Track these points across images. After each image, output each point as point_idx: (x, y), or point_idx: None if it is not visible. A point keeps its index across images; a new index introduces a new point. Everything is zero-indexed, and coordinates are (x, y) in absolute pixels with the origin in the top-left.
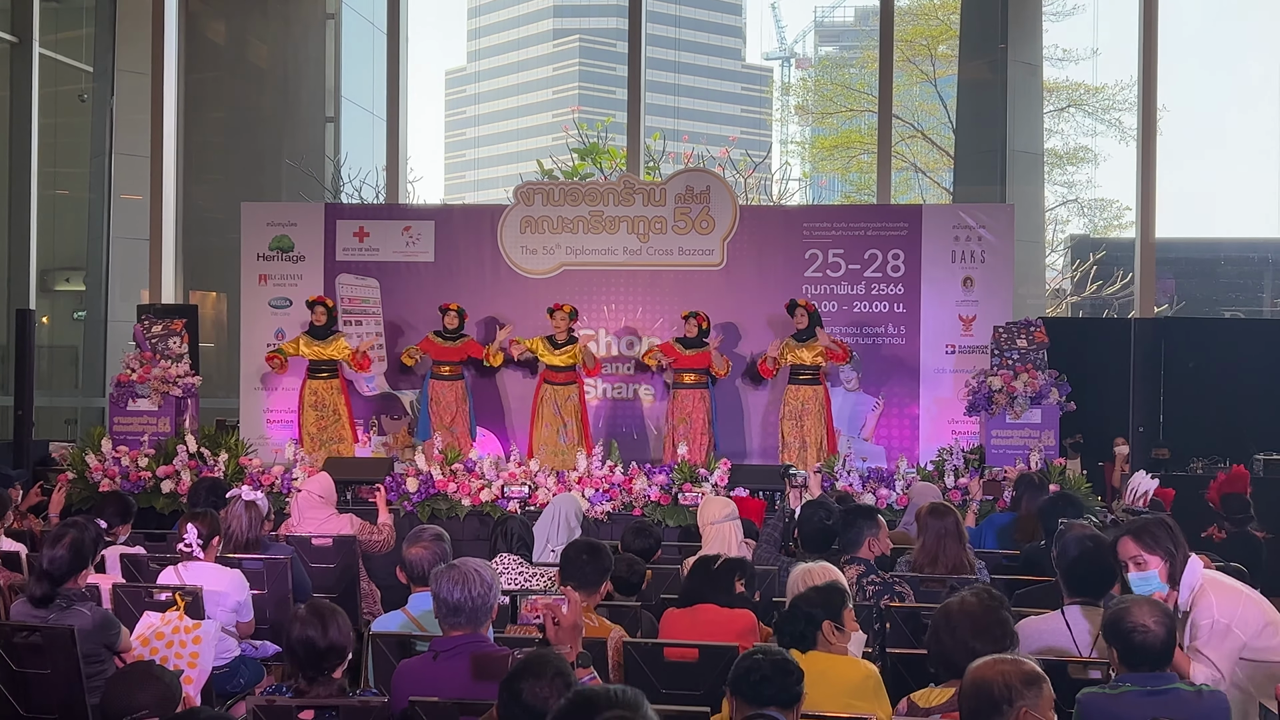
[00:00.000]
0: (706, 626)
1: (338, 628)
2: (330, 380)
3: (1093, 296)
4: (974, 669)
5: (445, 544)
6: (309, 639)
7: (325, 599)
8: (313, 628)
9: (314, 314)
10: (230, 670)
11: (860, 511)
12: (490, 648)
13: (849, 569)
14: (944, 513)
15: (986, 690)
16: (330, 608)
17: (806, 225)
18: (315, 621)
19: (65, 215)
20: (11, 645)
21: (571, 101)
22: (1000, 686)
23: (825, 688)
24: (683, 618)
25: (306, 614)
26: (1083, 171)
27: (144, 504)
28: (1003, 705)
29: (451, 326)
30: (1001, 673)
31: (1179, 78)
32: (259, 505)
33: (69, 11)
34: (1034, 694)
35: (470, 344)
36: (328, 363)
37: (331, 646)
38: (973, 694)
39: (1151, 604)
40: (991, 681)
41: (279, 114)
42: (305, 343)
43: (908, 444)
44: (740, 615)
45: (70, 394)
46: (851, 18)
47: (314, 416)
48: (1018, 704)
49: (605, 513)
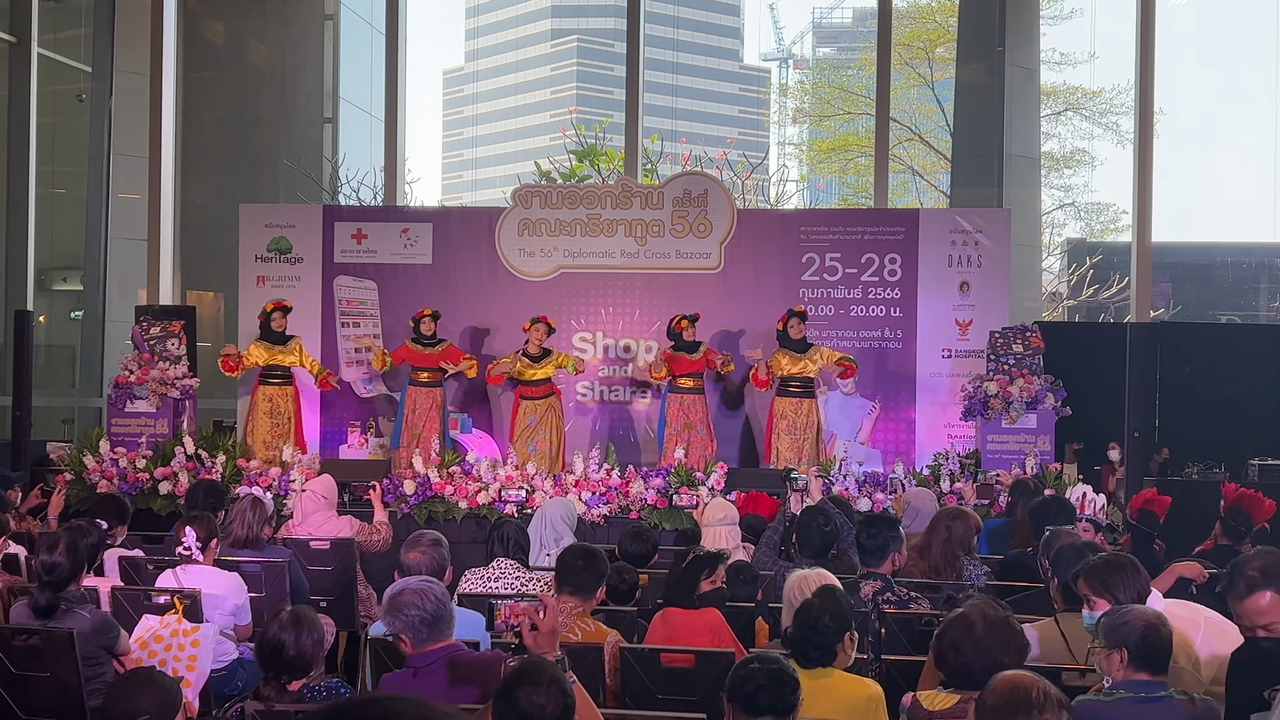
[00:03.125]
0: (676, 630)
1: (312, 639)
2: (284, 387)
3: (1089, 300)
4: (1009, 674)
5: (443, 549)
6: (279, 642)
7: (323, 602)
8: (287, 632)
9: (274, 320)
10: (228, 673)
11: (885, 522)
12: (466, 654)
13: (865, 584)
14: (967, 520)
15: (1024, 692)
16: (312, 619)
17: (804, 229)
18: (291, 628)
19: (63, 215)
20: (10, 648)
21: (570, 102)
22: (1039, 692)
23: (828, 703)
24: (658, 622)
25: (287, 618)
26: (1080, 175)
27: (141, 505)
28: (1033, 710)
29: (427, 333)
30: (1042, 684)
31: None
32: (265, 505)
33: (67, 11)
34: (1060, 717)
35: (449, 350)
36: (282, 368)
37: (299, 655)
38: (1006, 692)
39: (1152, 608)
40: (1030, 686)
41: (277, 114)
42: (263, 347)
43: (904, 448)
44: (703, 615)
45: (67, 394)
46: (850, 19)
47: (269, 424)
48: (1047, 715)
49: (602, 516)
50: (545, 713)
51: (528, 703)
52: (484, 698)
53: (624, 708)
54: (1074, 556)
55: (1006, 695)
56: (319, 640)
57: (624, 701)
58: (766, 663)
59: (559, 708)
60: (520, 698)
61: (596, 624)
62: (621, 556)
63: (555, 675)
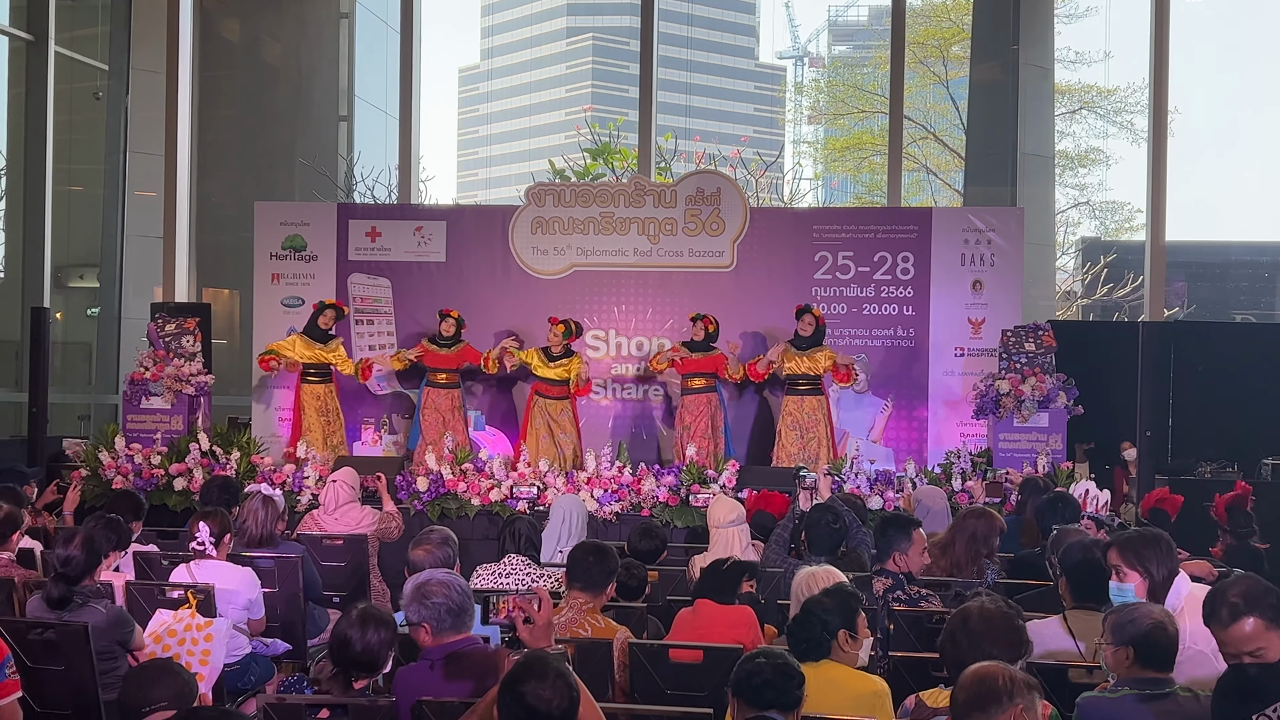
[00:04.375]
0: (706, 623)
1: (379, 637)
2: (328, 384)
3: (1104, 299)
4: (975, 667)
5: (451, 548)
6: (346, 639)
7: (336, 597)
8: (354, 629)
9: (323, 317)
10: (241, 668)
11: (894, 522)
12: (470, 647)
13: (877, 581)
14: (990, 520)
15: (990, 681)
16: (380, 617)
17: (816, 227)
18: (358, 625)
19: (80, 212)
20: (26, 642)
21: (584, 99)
22: (1005, 680)
23: (834, 697)
24: (686, 615)
25: (355, 615)
26: (1094, 174)
27: (156, 501)
28: (1003, 698)
29: (448, 334)
30: (1007, 671)
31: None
32: (276, 502)
33: (84, 10)
34: (1031, 699)
35: (467, 350)
36: (322, 366)
37: (365, 652)
38: (973, 683)
39: (1159, 606)
40: (996, 675)
41: (292, 112)
42: (304, 344)
43: (916, 446)
44: (738, 611)
45: (84, 390)
46: (865, 17)
47: (321, 422)
48: (1016, 700)
49: (614, 513)
50: (551, 706)
51: (534, 697)
52: (479, 691)
53: (633, 703)
54: (1082, 554)
55: (974, 688)
56: (386, 639)
57: (633, 697)
58: (772, 657)
59: (565, 701)
60: (526, 692)
61: (606, 620)
62: (631, 553)
63: (561, 669)
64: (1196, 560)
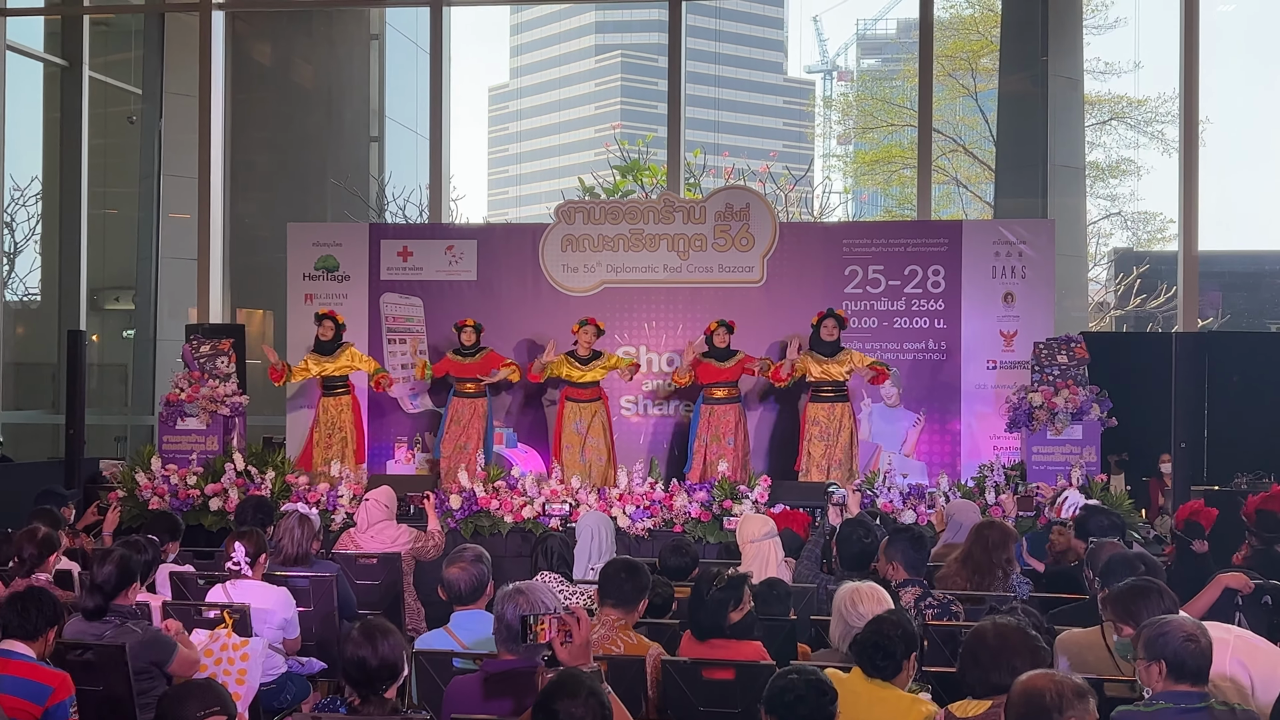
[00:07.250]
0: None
1: (389, 646)
2: (341, 397)
3: (1137, 310)
4: (1025, 679)
5: (485, 565)
6: (360, 659)
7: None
8: (364, 648)
9: (321, 328)
10: (277, 687)
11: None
12: (509, 665)
13: (905, 592)
14: (1001, 529)
15: (1038, 697)
16: (382, 626)
17: (846, 241)
18: (365, 642)
19: (115, 235)
20: (65, 662)
21: (614, 117)
22: (1052, 694)
23: (887, 717)
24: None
25: (358, 634)
26: (1126, 184)
27: (192, 522)
28: (1053, 713)
29: (469, 343)
30: (1054, 682)
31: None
32: (311, 521)
33: (118, 35)
34: (1082, 706)
35: (490, 356)
36: (340, 379)
37: (383, 664)
38: (1022, 701)
39: (1191, 618)
40: (1044, 690)
41: (324, 134)
42: (313, 361)
43: (949, 460)
44: (743, 648)
45: (120, 412)
46: (894, 30)
47: (323, 435)
48: (1067, 713)
49: (646, 529)
50: None
51: (567, 715)
52: (518, 710)
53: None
54: (1124, 567)
55: (1023, 705)
56: (397, 643)
57: (665, 713)
58: (805, 673)
59: (597, 719)
60: (560, 710)
61: (639, 636)
62: (661, 570)
63: (593, 687)
64: (1232, 573)
